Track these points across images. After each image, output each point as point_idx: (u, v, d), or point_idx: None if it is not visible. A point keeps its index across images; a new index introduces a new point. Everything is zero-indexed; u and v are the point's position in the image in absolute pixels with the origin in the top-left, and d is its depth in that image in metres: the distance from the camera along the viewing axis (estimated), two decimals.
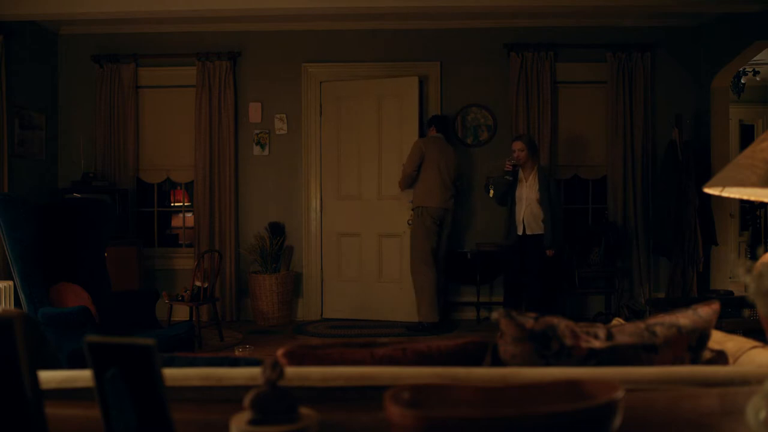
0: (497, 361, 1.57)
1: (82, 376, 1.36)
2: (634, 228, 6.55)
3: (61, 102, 6.77)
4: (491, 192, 6.21)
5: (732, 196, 1.87)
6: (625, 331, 1.56)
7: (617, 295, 6.46)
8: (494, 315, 6.53)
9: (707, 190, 1.85)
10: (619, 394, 0.92)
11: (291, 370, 1.35)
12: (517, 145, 5.75)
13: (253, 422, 0.91)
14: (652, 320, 1.59)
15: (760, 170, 1.59)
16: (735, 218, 8.41)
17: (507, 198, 5.86)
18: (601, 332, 1.57)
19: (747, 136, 8.94)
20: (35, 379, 0.85)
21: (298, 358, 1.49)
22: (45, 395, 0.89)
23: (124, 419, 0.86)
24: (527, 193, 5.72)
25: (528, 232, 5.73)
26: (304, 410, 0.95)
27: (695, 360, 1.58)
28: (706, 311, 1.59)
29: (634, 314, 5.87)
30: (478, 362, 1.55)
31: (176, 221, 7.19)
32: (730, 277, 6.54)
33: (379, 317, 6.55)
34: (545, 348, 1.52)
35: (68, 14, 5.66)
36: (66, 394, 1.34)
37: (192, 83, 6.67)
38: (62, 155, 6.73)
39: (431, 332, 5.98)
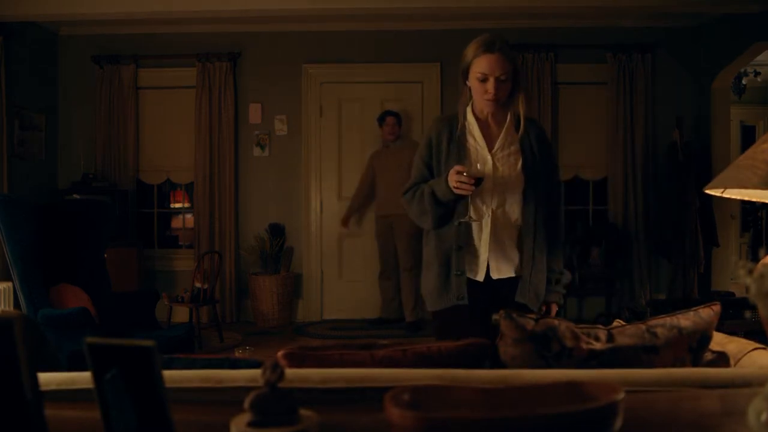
0: (497, 363, 1.57)
1: (82, 378, 1.36)
2: (635, 229, 6.54)
3: (61, 103, 6.76)
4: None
5: (733, 197, 1.87)
6: (625, 332, 1.56)
7: (618, 297, 6.45)
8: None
9: (708, 191, 1.85)
10: (620, 395, 0.92)
11: (291, 372, 1.35)
12: (497, 61, 2.41)
13: (253, 424, 0.91)
14: (652, 321, 1.59)
15: (761, 171, 1.59)
16: (736, 219, 8.41)
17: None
18: (602, 334, 1.57)
19: (748, 138, 8.94)
20: (35, 381, 0.85)
21: (298, 359, 1.49)
22: (45, 396, 0.89)
23: (124, 421, 0.86)
24: (497, 175, 2.50)
25: (496, 275, 2.51)
26: (304, 412, 0.95)
27: (696, 361, 1.57)
28: (707, 313, 1.59)
29: (634, 315, 5.87)
30: (478, 364, 1.55)
31: (176, 222, 7.18)
32: (731, 279, 6.54)
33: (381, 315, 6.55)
34: (546, 349, 1.52)
35: (68, 15, 5.66)
36: (66, 396, 1.33)
37: (192, 84, 6.67)
38: (62, 156, 6.73)
39: (411, 330, 6.12)
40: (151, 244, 6.84)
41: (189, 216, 6.99)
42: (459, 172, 2.35)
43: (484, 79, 2.43)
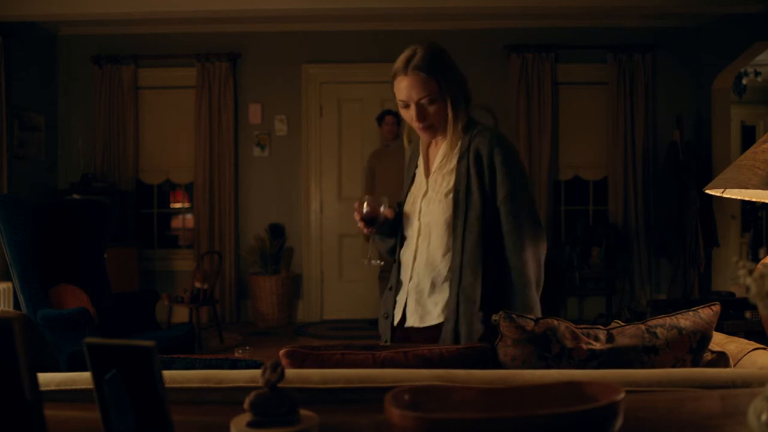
0: (498, 364, 1.57)
1: (82, 378, 1.36)
2: (635, 229, 6.54)
3: (60, 103, 6.76)
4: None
5: (733, 197, 1.87)
6: (625, 332, 1.56)
7: (618, 297, 6.45)
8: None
9: (708, 192, 1.85)
10: (620, 395, 0.92)
11: (291, 372, 1.35)
12: (412, 84, 1.97)
13: (253, 424, 0.91)
14: (653, 322, 1.59)
15: (761, 171, 1.59)
16: (736, 219, 8.40)
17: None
18: (602, 334, 1.57)
19: (748, 138, 8.94)
20: (34, 381, 0.85)
21: (298, 359, 1.49)
22: (44, 397, 0.89)
23: (124, 421, 0.85)
24: (425, 204, 2.09)
25: (411, 323, 2.07)
26: (305, 412, 0.95)
27: (696, 362, 1.57)
28: (707, 313, 1.59)
29: (635, 316, 5.86)
30: (478, 365, 1.55)
31: (176, 222, 7.18)
32: (731, 279, 6.53)
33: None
34: (546, 350, 1.52)
35: (68, 15, 5.66)
36: (65, 396, 1.33)
37: (192, 84, 6.67)
38: (62, 156, 6.73)
39: None
40: (151, 245, 6.84)
41: (189, 216, 6.99)
42: (356, 209, 2.09)
43: (405, 106, 2.02)
